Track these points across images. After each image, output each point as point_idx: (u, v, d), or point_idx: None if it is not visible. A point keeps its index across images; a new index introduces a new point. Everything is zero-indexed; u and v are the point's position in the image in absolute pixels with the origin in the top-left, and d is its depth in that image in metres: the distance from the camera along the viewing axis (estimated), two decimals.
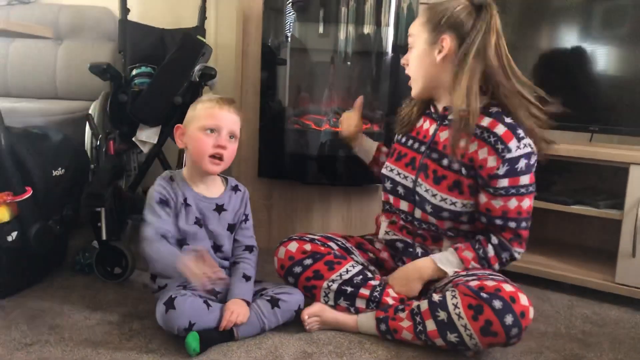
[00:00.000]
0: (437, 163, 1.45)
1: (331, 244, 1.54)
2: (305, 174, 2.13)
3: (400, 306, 1.41)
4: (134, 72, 2.01)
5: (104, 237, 1.75)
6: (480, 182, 1.40)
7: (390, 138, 1.98)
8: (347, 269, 1.46)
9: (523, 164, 1.36)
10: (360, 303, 1.43)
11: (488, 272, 1.42)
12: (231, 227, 1.53)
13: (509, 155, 1.35)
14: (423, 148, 1.50)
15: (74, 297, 1.64)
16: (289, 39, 2.08)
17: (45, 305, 1.56)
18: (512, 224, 1.40)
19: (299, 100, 2.18)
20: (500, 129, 1.36)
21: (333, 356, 1.34)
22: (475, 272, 1.40)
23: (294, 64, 2.12)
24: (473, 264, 1.43)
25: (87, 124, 1.96)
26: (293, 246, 1.51)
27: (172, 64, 1.89)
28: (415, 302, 1.39)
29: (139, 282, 1.76)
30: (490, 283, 1.30)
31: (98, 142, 1.89)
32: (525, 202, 1.39)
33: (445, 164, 1.44)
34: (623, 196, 1.73)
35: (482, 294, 1.27)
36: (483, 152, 1.37)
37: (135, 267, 1.77)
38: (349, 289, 1.43)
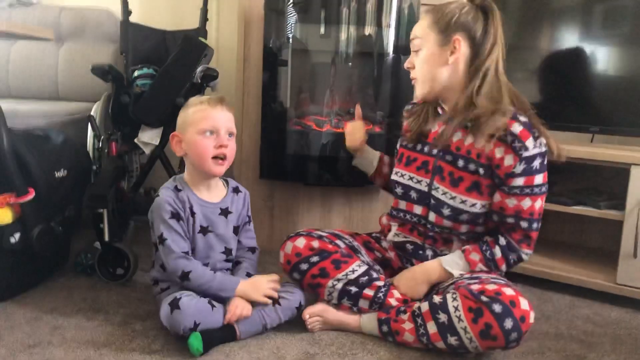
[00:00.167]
0: (452, 165, 1.45)
1: (339, 242, 1.52)
2: (307, 174, 2.13)
3: (402, 307, 1.41)
4: (136, 73, 2.01)
5: (106, 238, 1.76)
6: (496, 181, 1.40)
7: (390, 139, 1.99)
8: (353, 268, 1.45)
9: (538, 163, 1.37)
10: (363, 304, 1.44)
11: (492, 275, 1.42)
12: (236, 230, 1.53)
13: (526, 154, 1.35)
14: (435, 151, 1.49)
15: (76, 298, 1.64)
16: (290, 40, 2.08)
17: (48, 307, 1.57)
18: (524, 224, 1.41)
19: (300, 102, 2.18)
20: (516, 128, 1.36)
21: (335, 357, 1.35)
22: (478, 275, 1.41)
23: (295, 65, 2.12)
24: (480, 266, 1.43)
25: (89, 126, 1.96)
26: (301, 242, 1.49)
27: (174, 66, 1.89)
28: (417, 304, 1.39)
29: (141, 283, 1.76)
30: (491, 287, 1.30)
31: (100, 144, 1.89)
32: (538, 203, 1.40)
33: (460, 165, 1.43)
34: (624, 197, 1.73)
35: (482, 297, 1.27)
36: (500, 151, 1.37)
37: (137, 268, 1.78)
38: (354, 289, 1.43)
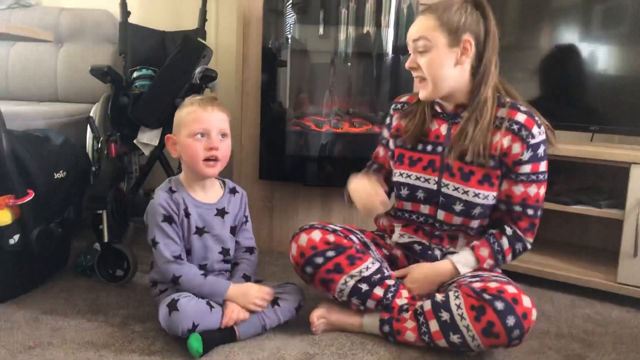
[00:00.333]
0: (460, 160, 1.45)
1: (352, 237, 1.51)
2: (306, 175, 2.13)
3: (405, 306, 1.41)
4: (135, 74, 2.01)
5: (105, 239, 1.75)
6: (503, 169, 1.43)
7: None
8: (367, 265, 1.43)
9: (542, 150, 1.41)
10: (370, 304, 1.43)
11: (494, 273, 1.43)
12: (233, 230, 1.53)
13: (533, 141, 1.39)
14: (440, 149, 1.48)
15: (76, 299, 1.64)
16: (289, 40, 2.08)
17: (48, 308, 1.57)
18: (530, 211, 1.43)
19: (299, 102, 2.18)
20: (520, 117, 1.40)
21: (335, 357, 1.34)
22: (480, 274, 1.41)
23: (295, 66, 2.12)
24: (488, 262, 1.44)
25: (88, 127, 1.96)
26: (316, 235, 1.45)
27: (173, 66, 1.89)
28: (419, 302, 1.39)
29: (141, 284, 1.76)
30: (493, 284, 1.30)
31: (99, 145, 1.89)
32: (542, 190, 1.43)
33: (469, 160, 1.44)
34: (624, 196, 1.73)
35: (485, 295, 1.28)
36: (507, 140, 1.40)
37: (136, 269, 1.77)
38: (365, 287, 1.41)
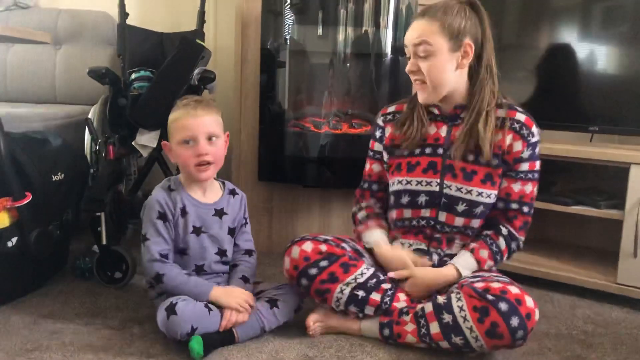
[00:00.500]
0: (462, 161, 1.46)
1: (344, 245, 1.51)
2: (306, 176, 2.12)
3: (405, 309, 1.40)
4: (133, 76, 2.01)
5: (104, 241, 1.75)
6: (504, 168, 1.45)
7: None
8: (362, 271, 1.43)
9: (538, 149, 1.47)
10: (369, 310, 1.42)
11: (494, 274, 1.43)
12: (231, 231, 1.53)
13: (533, 140, 1.44)
14: (441, 150, 1.48)
15: (74, 302, 1.63)
16: (288, 41, 2.08)
17: (46, 311, 1.56)
18: (526, 208, 1.47)
19: (298, 103, 2.18)
20: (520, 116, 1.45)
21: (334, 359, 1.34)
22: (481, 274, 1.41)
23: (293, 67, 2.12)
24: (489, 263, 1.45)
25: (87, 129, 1.95)
26: (308, 246, 1.45)
27: (171, 68, 1.89)
28: (419, 305, 1.39)
29: (140, 286, 1.75)
30: (496, 285, 1.30)
31: (97, 147, 1.89)
32: (536, 188, 1.48)
33: (470, 160, 1.45)
34: (624, 196, 1.72)
35: (488, 295, 1.28)
36: (509, 139, 1.44)
37: (135, 271, 1.77)
38: (361, 293, 1.41)
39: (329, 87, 2.14)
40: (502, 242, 1.46)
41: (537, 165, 1.47)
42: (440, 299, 1.35)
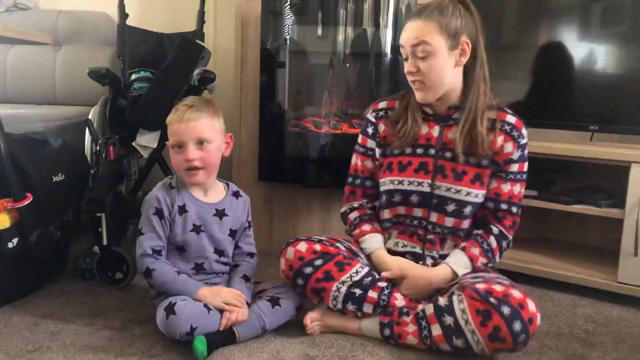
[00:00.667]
0: (453, 162, 1.47)
1: (339, 244, 1.51)
2: (306, 176, 2.12)
3: (405, 309, 1.40)
4: (133, 76, 2.01)
5: (104, 242, 1.75)
6: (494, 168, 1.47)
7: None
8: (357, 270, 1.44)
9: (526, 151, 1.49)
10: (367, 308, 1.42)
11: (494, 274, 1.43)
12: (233, 233, 1.53)
13: (523, 141, 1.47)
14: (432, 151, 1.49)
15: (75, 302, 1.63)
16: (288, 41, 2.08)
17: (47, 312, 1.56)
18: (515, 208, 1.49)
19: (298, 103, 2.18)
20: (511, 118, 1.48)
21: (335, 359, 1.34)
22: (482, 275, 1.41)
23: (293, 67, 2.12)
24: (481, 260, 1.46)
25: (87, 129, 1.95)
26: (302, 246, 1.46)
27: (171, 68, 1.89)
28: (420, 306, 1.38)
29: (140, 287, 1.75)
30: (499, 287, 1.30)
31: (98, 147, 1.89)
32: (523, 189, 1.51)
33: (461, 161, 1.46)
34: (624, 195, 1.72)
35: (491, 299, 1.27)
36: (500, 140, 1.46)
37: (136, 272, 1.77)
38: (358, 291, 1.41)
39: (328, 87, 2.15)
40: (493, 241, 1.48)
41: (525, 167, 1.49)
42: (442, 301, 1.35)
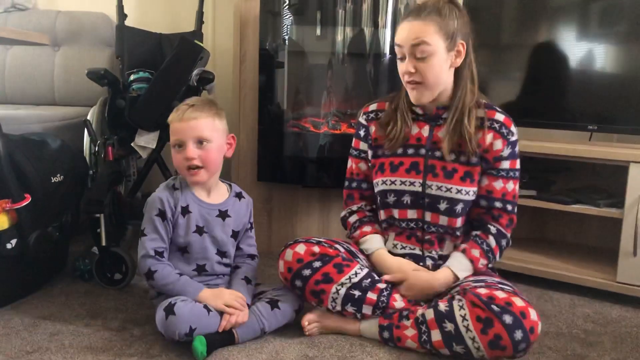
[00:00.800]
0: (443, 160, 1.47)
1: (337, 246, 1.51)
2: (305, 176, 2.12)
3: (405, 312, 1.40)
4: (132, 77, 2.01)
5: (103, 243, 1.75)
6: (484, 166, 1.47)
7: None
8: (355, 271, 1.43)
9: (517, 148, 1.49)
10: (366, 309, 1.41)
11: (496, 279, 1.43)
12: (235, 234, 1.53)
13: (512, 138, 1.47)
14: (423, 151, 1.49)
15: (74, 303, 1.63)
16: (287, 42, 2.08)
17: (46, 313, 1.56)
18: (509, 206, 1.49)
19: (297, 103, 2.18)
20: (499, 116, 1.47)
21: (335, 359, 1.34)
22: (483, 279, 1.41)
23: (292, 67, 2.12)
24: (482, 261, 1.46)
25: (86, 130, 1.95)
26: (301, 248, 1.45)
27: (170, 69, 1.89)
28: (420, 310, 1.38)
29: (139, 287, 1.75)
30: (501, 294, 1.29)
31: (96, 148, 1.89)
32: (517, 186, 1.51)
33: (451, 159, 1.47)
34: (623, 195, 1.72)
35: (493, 306, 1.27)
36: (489, 137, 1.46)
37: (135, 272, 1.77)
38: (357, 293, 1.41)
39: (327, 87, 2.15)
40: (492, 241, 1.47)
41: (518, 164, 1.49)
42: (442, 306, 1.34)
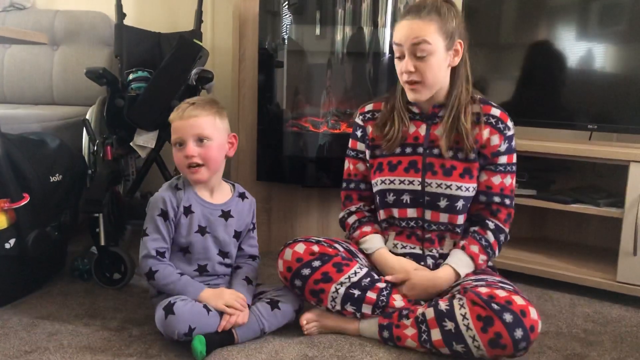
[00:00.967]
0: (441, 158, 1.48)
1: (337, 245, 1.51)
2: (304, 176, 2.12)
3: (404, 312, 1.39)
4: (131, 76, 2.01)
5: (102, 242, 1.75)
6: (481, 161, 1.47)
7: None
8: (355, 271, 1.43)
9: (514, 142, 1.50)
10: (366, 309, 1.41)
11: (497, 277, 1.43)
12: (237, 235, 1.53)
13: (509, 133, 1.48)
14: (421, 149, 1.49)
15: (73, 303, 1.63)
16: (286, 41, 2.07)
17: (44, 312, 1.56)
18: (507, 200, 1.50)
19: (296, 103, 2.17)
20: (495, 111, 1.48)
21: (334, 359, 1.34)
22: (484, 277, 1.41)
23: (291, 66, 2.11)
24: (482, 257, 1.46)
25: (84, 130, 1.95)
26: (300, 247, 1.45)
27: (169, 68, 1.88)
28: (420, 309, 1.38)
29: (138, 287, 1.75)
30: (501, 293, 1.29)
31: (95, 148, 1.88)
32: (514, 180, 1.52)
33: (447, 156, 1.47)
34: (623, 194, 1.72)
35: (493, 304, 1.27)
36: (486, 133, 1.47)
37: (134, 272, 1.76)
38: (357, 292, 1.41)
39: (327, 87, 2.14)
40: (490, 236, 1.47)
41: (514, 158, 1.50)
42: (442, 305, 1.34)
